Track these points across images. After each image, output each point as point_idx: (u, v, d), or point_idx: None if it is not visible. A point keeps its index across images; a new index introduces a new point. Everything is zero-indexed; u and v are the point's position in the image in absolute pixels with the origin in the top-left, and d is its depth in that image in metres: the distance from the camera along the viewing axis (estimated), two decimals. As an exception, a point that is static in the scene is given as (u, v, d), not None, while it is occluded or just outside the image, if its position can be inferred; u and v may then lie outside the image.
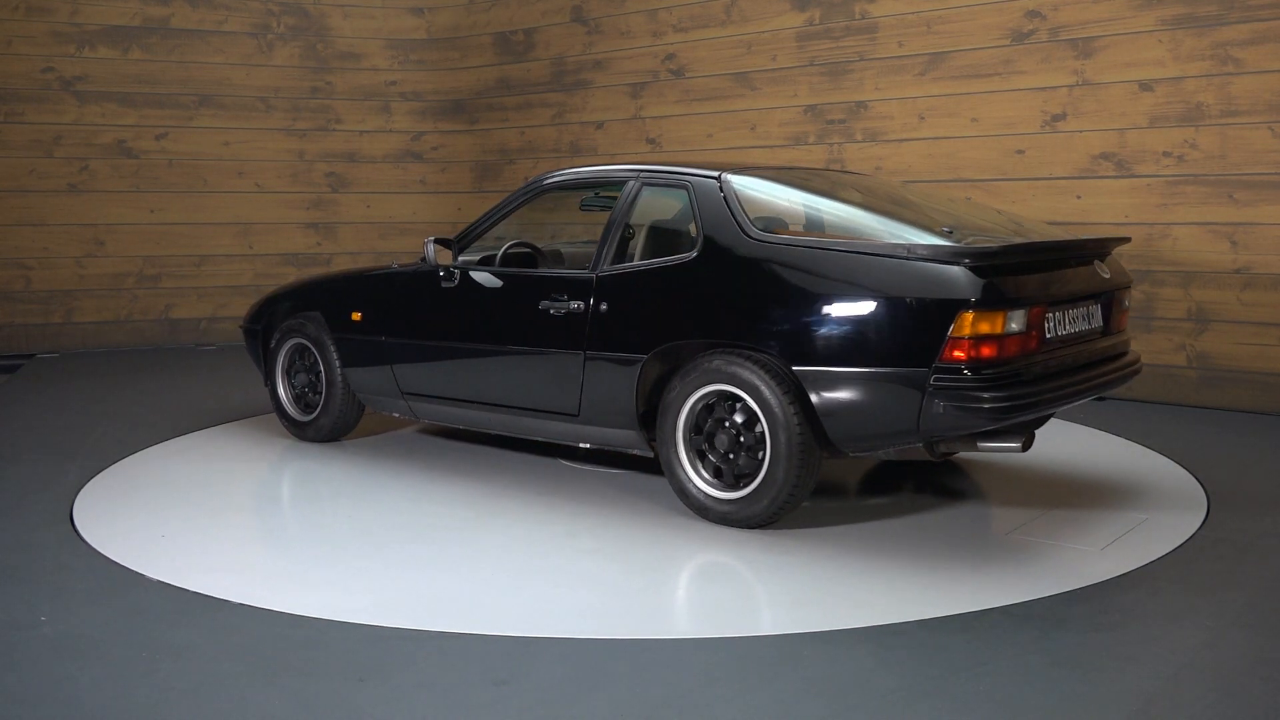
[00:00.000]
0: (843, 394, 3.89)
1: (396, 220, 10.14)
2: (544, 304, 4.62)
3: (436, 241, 5.07)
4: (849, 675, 2.90)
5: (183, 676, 2.90)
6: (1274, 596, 3.49)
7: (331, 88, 9.89)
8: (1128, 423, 5.99)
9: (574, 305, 4.53)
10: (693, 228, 4.44)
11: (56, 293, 9.05)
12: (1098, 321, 4.31)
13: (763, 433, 4.05)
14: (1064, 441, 5.55)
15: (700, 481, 4.24)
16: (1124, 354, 4.58)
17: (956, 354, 3.70)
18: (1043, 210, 6.93)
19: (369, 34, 10.02)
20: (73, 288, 9.09)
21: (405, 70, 10.15)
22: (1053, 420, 6.00)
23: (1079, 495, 4.61)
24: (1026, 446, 4.01)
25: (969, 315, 3.68)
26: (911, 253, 3.80)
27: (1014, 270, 3.85)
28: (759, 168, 4.68)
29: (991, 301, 3.70)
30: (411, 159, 10.23)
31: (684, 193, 4.45)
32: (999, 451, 4.12)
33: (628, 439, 4.49)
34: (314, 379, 5.56)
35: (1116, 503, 4.46)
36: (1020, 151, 7.05)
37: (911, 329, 3.77)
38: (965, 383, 3.69)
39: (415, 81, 10.20)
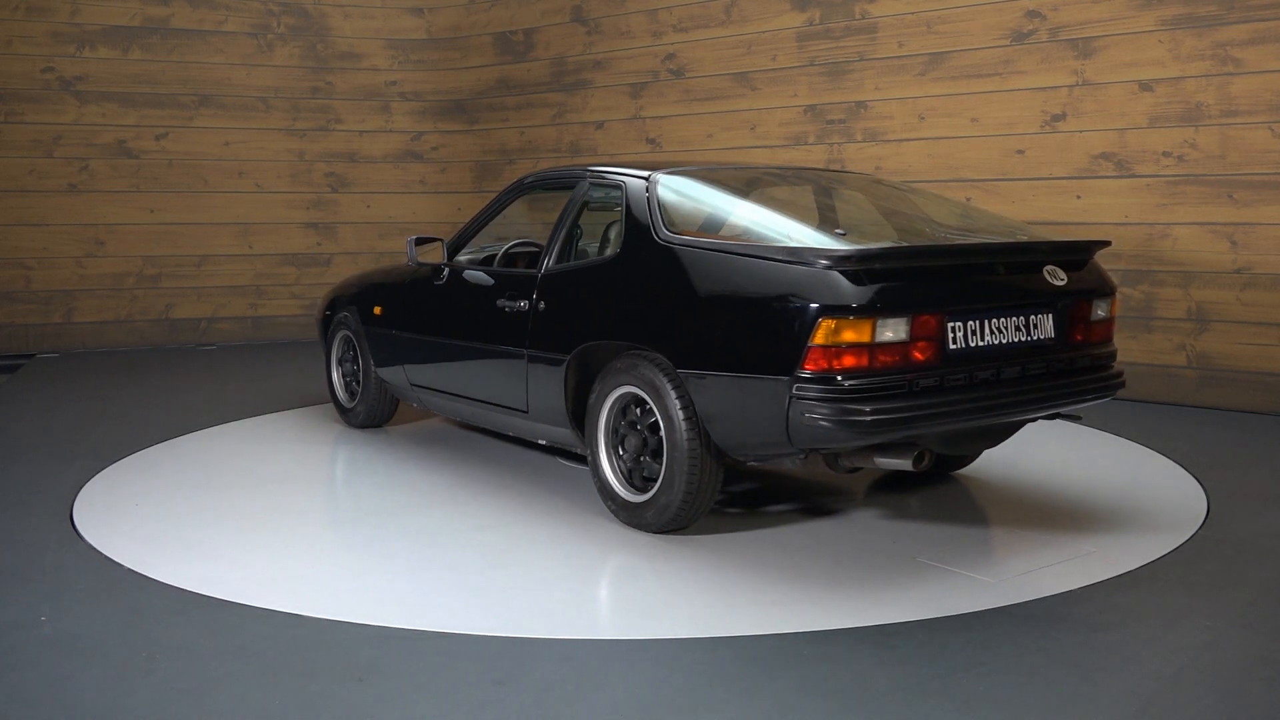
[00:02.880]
0: (720, 399, 3.77)
1: (396, 220, 10.14)
2: (500, 302, 4.75)
3: (419, 240, 5.27)
4: (849, 675, 2.90)
5: (183, 676, 2.90)
6: (1274, 596, 3.49)
7: (331, 88, 9.89)
8: (1127, 423, 5.99)
9: (521, 304, 4.65)
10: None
11: (56, 293, 9.05)
12: (1048, 332, 3.93)
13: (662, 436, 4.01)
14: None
15: (616, 483, 4.22)
16: (1098, 368, 4.12)
17: (819, 363, 3.48)
18: (1043, 210, 6.94)
19: (369, 34, 10.02)
20: (73, 288, 9.09)
21: (405, 70, 10.15)
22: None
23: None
24: (920, 465, 3.74)
25: (830, 322, 3.46)
26: (787, 255, 3.63)
27: (902, 275, 3.60)
28: (698, 168, 4.59)
29: (859, 308, 3.46)
30: (411, 159, 10.23)
31: (620, 193, 4.44)
32: (892, 468, 3.84)
33: (566, 437, 4.52)
34: (356, 368, 5.90)
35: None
36: (1020, 151, 7.05)
37: (776, 335, 3.58)
38: (827, 394, 3.47)
39: (415, 81, 10.20)
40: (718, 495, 4.08)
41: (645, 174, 4.38)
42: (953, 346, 3.66)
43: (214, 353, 9.04)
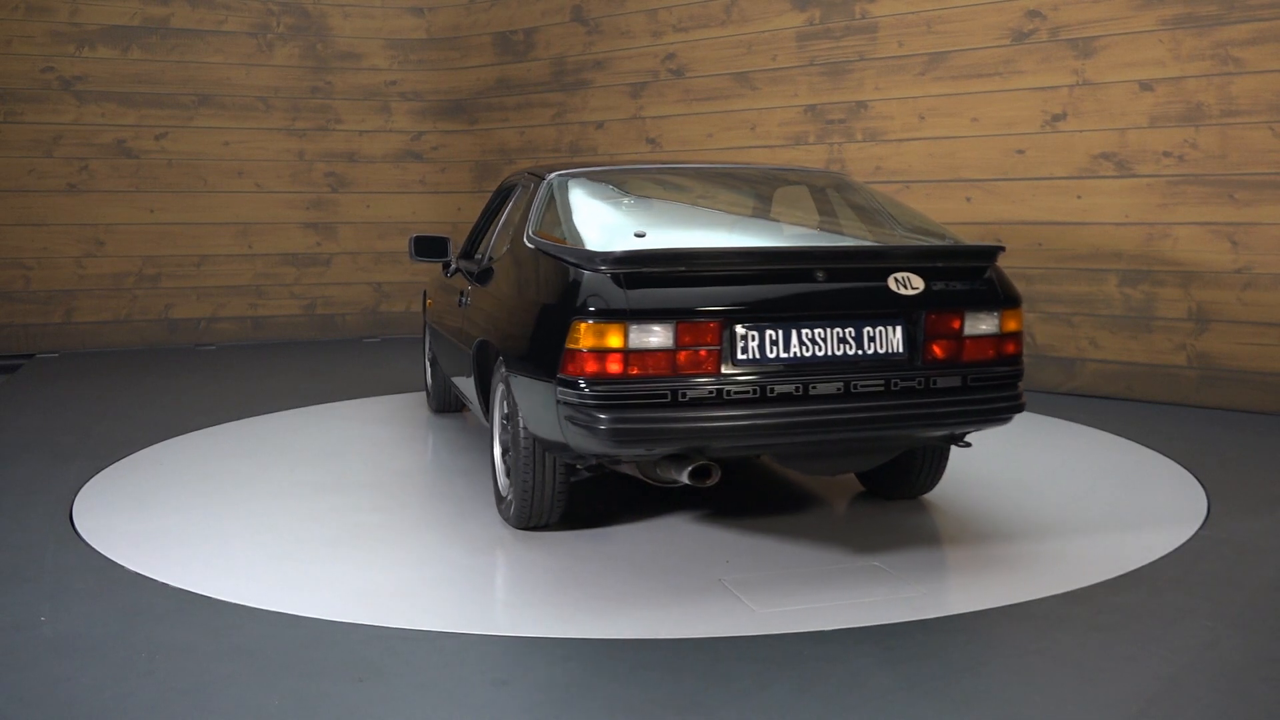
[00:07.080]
0: (525, 401, 3.75)
1: (396, 220, 10.14)
2: (459, 298, 4.98)
3: (419, 239, 5.47)
4: (849, 675, 2.90)
5: (183, 676, 2.90)
6: (1274, 596, 3.49)
7: (331, 88, 9.89)
8: (1128, 423, 5.99)
9: (464, 300, 4.88)
10: None
11: (56, 293, 9.05)
12: (894, 347, 3.56)
13: None
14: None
15: (501, 477, 4.24)
16: (977, 389, 3.65)
17: (575, 367, 3.40)
18: (1043, 210, 6.94)
19: (369, 34, 10.02)
20: (73, 288, 9.09)
21: (405, 70, 10.15)
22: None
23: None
24: (702, 480, 3.49)
25: (583, 325, 3.36)
26: (571, 257, 3.58)
27: (680, 279, 3.42)
28: (604, 169, 4.55)
29: (614, 312, 3.33)
30: (411, 159, 10.22)
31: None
32: (684, 485, 3.59)
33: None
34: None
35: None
36: (1020, 151, 7.05)
37: (547, 338, 3.55)
38: (580, 400, 3.38)
39: (415, 81, 10.20)
40: (563, 497, 3.95)
41: (548, 174, 4.43)
42: (741, 356, 3.43)
43: (214, 353, 9.04)
